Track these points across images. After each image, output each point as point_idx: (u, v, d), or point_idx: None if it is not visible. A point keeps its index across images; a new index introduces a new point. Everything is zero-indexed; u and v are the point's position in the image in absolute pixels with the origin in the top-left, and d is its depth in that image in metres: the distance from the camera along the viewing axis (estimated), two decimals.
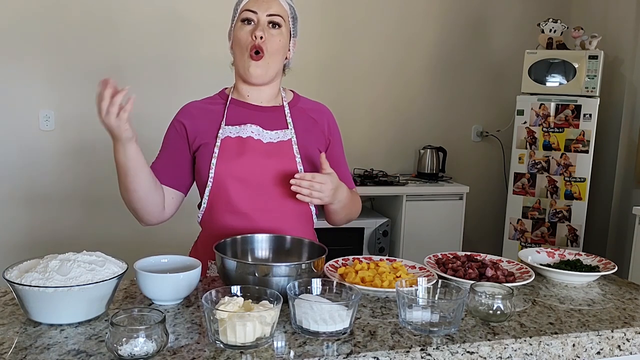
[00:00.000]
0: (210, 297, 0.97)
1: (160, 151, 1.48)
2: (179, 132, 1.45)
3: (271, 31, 1.40)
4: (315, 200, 1.33)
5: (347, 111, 3.47)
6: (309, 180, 1.31)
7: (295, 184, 1.31)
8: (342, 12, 3.50)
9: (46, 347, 0.91)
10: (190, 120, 1.45)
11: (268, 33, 1.39)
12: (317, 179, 1.31)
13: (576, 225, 3.34)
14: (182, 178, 1.46)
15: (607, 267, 1.41)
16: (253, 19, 1.40)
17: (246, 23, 1.41)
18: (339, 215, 1.50)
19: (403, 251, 3.29)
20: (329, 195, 1.34)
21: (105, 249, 1.20)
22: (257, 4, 1.40)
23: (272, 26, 1.41)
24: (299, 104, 1.52)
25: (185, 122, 1.45)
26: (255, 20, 1.40)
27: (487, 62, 3.82)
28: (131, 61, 3.15)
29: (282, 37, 1.42)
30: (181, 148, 1.45)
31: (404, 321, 1.04)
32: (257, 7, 1.40)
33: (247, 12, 1.40)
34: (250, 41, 1.39)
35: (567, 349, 1.04)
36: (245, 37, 1.40)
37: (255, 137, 1.42)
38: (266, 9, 1.40)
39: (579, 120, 3.27)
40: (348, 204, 1.48)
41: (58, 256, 1.06)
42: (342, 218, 1.52)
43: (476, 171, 3.88)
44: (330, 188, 1.34)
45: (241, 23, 1.42)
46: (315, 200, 1.33)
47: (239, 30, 1.42)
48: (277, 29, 1.41)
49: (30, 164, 3.07)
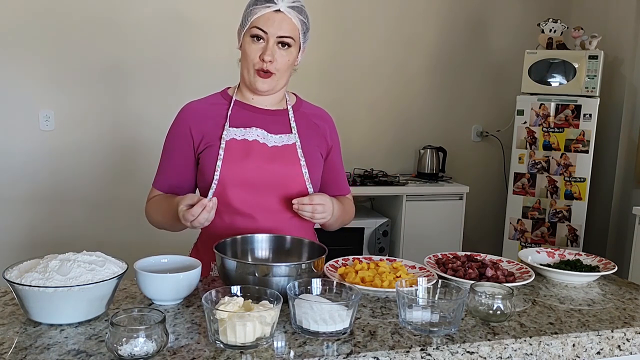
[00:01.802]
0: (210, 297, 0.97)
1: (165, 155, 1.48)
2: (183, 135, 1.44)
3: (280, 51, 1.37)
4: (320, 220, 1.38)
5: (347, 111, 3.48)
6: (309, 204, 1.33)
7: (297, 208, 1.34)
8: (342, 12, 3.50)
9: (46, 347, 0.91)
10: (195, 122, 1.44)
11: (277, 54, 1.37)
12: (315, 200, 1.34)
13: (576, 225, 3.34)
14: (189, 185, 1.48)
15: (607, 267, 1.41)
16: (262, 37, 1.36)
17: (255, 40, 1.37)
18: (332, 227, 1.54)
19: (403, 251, 3.29)
20: (330, 214, 1.38)
21: (105, 249, 1.20)
22: (267, 23, 1.35)
23: (282, 45, 1.37)
24: (301, 108, 1.52)
25: (190, 124, 1.44)
26: (264, 39, 1.36)
27: (487, 62, 3.82)
28: (132, 61, 3.15)
29: (290, 56, 1.40)
30: (187, 153, 1.45)
31: (404, 321, 1.04)
32: (267, 27, 1.35)
33: (256, 29, 1.36)
34: (259, 62, 1.37)
35: (567, 349, 1.04)
36: (253, 56, 1.38)
37: (261, 140, 1.41)
38: (277, 30, 1.35)
39: (579, 120, 3.27)
40: (341, 215, 1.51)
41: (58, 256, 1.06)
42: (335, 228, 1.56)
43: (476, 171, 3.88)
44: (330, 207, 1.37)
45: (250, 38, 1.38)
46: (319, 220, 1.38)
47: (247, 44, 1.39)
48: (287, 49, 1.38)
49: (30, 164, 3.07)
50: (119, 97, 3.17)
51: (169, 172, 1.46)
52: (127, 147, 3.21)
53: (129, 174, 3.19)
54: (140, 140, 3.18)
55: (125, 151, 3.21)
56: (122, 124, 3.19)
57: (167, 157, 1.47)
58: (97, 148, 3.14)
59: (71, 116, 3.10)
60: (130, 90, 3.18)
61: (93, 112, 3.14)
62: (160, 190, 1.48)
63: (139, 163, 3.18)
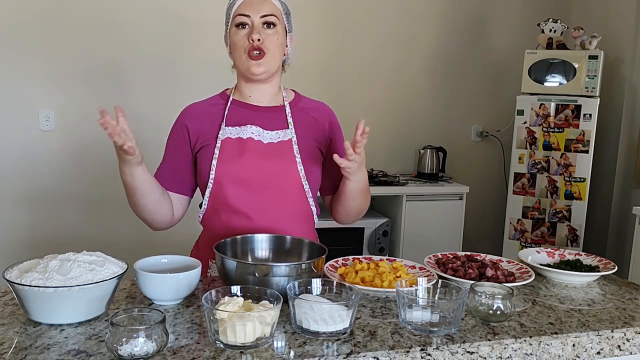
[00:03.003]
0: (210, 297, 0.97)
1: (164, 155, 1.49)
2: (181, 135, 1.46)
3: (267, 31, 1.40)
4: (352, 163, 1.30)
5: (347, 111, 3.45)
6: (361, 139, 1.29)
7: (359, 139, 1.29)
8: (342, 12, 3.50)
9: (46, 347, 0.91)
10: (191, 122, 1.46)
11: (264, 34, 1.39)
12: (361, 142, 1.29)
13: (576, 225, 3.34)
14: (188, 182, 1.48)
15: (607, 267, 1.41)
16: (247, 22, 1.40)
17: (241, 27, 1.40)
18: (354, 201, 1.45)
19: (403, 251, 3.29)
20: (359, 162, 1.32)
21: (105, 249, 1.20)
22: (248, 7, 1.40)
23: (267, 26, 1.40)
24: (300, 103, 1.52)
25: (187, 124, 1.46)
26: (249, 23, 1.40)
27: (487, 62, 3.82)
28: (132, 61, 3.15)
29: (278, 35, 1.42)
30: (184, 152, 1.46)
31: (404, 321, 1.04)
32: (249, 11, 1.39)
33: (240, 16, 1.40)
34: (248, 44, 1.39)
35: (567, 349, 1.04)
36: (242, 41, 1.40)
37: (256, 138, 1.42)
38: (258, 10, 1.39)
39: (579, 120, 3.27)
40: (365, 188, 1.45)
41: (58, 256, 1.06)
42: (354, 207, 1.48)
43: (476, 171, 3.88)
44: (362, 157, 1.32)
45: (236, 28, 1.41)
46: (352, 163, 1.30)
47: (234, 35, 1.42)
48: (273, 28, 1.41)
49: (31, 164, 3.07)
50: (119, 97, 3.16)
51: (165, 170, 1.47)
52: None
53: None
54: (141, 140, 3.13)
55: None
56: None
57: (165, 157, 1.49)
58: (97, 148, 3.14)
59: (71, 116, 3.10)
60: (131, 90, 3.18)
61: (93, 112, 3.11)
62: None
63: None
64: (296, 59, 1.55)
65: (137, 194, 1.32)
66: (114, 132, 1.16)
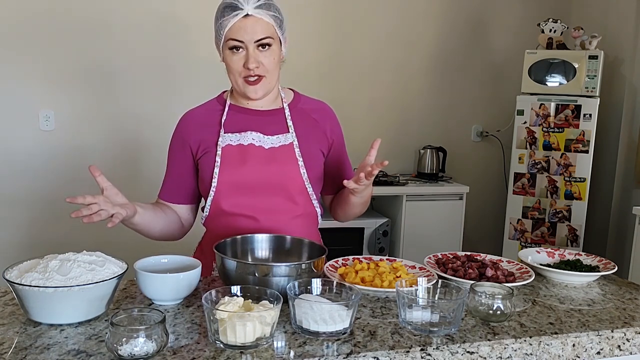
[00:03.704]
0: (210, 297, 0.97)
1: (167, 168, 1.49)
2: (181, 147, 1.46)
3: (263, 53, 1.35)
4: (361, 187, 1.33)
5: (347, 111, 3.46)
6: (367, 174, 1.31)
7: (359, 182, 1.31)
8: (342, 12, 3.49)
9: (46, 347, 0.91)
10: (191, 130, 1.44)
11: (260, 56, 1.34)
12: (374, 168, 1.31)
13: (576, 225, 3.34)
14: (194, 192, 1.49)
15: (607, 267, 1.41)
16: (241, 46, 1.33)
17: (235, 50, 1.34)
18: (355, 208, 1.49)
19: (403, 251, 3.28)
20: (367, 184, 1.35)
21: (105, 249, 1.20)
22: (241, 31, 1.32)
23: (262, 48, 1.34)
24: (299, 104, 1.50)
25: (186, 133, 1.45)
26: (243, 47, 1.33)
27: (487, 62, 3.82)
28: (131, 61, 3.15)
29: (274, 54, 1.37)
30: (186, 163, 1.46)
31: (404, 321, 1.04)
32: (241, 36, 1.32)
33: (232, 40, 1.33)
34: (244, 70, 1.35)
35: (567, 349, 1.04)
36: (237, 65, 1.35)
37: (257, 144, 1.41)
38: (252, 35, 1.32)
39: (579, 120, 3.27)
40: (367, 200, 1.49)
41: (58, 256, 1.06)
42: (355, 213, 1.53)
43: (476, 171, 3.88)
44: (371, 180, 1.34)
45: (229, 50, 1.35)
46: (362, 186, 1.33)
47: (228, 57, 1.36)
48: (268, 49, 1.35)
49: (31, 164, 3.07)
50: (119, 97, 3.16)
51: (169, 181, 1.49)
52: (127, 147, 3.21)
53: (129, 174, 3.19)
54: (141, 140, 3.18)
55: (125, 151, 3.21)
56: (122, 124, 3.19)
57: (168, 170, 1.50)
58: (97, 148, 3.14)
59: (71, 116, 3.10)
60: (131, 90, 3.18)
61: (93, 112, 3.14)
62: (163, 200, 1.49)
63: (139, 163, 3.18)
64: (296, 59, 1.56)
65: (143, 232, 1.40)
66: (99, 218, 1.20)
